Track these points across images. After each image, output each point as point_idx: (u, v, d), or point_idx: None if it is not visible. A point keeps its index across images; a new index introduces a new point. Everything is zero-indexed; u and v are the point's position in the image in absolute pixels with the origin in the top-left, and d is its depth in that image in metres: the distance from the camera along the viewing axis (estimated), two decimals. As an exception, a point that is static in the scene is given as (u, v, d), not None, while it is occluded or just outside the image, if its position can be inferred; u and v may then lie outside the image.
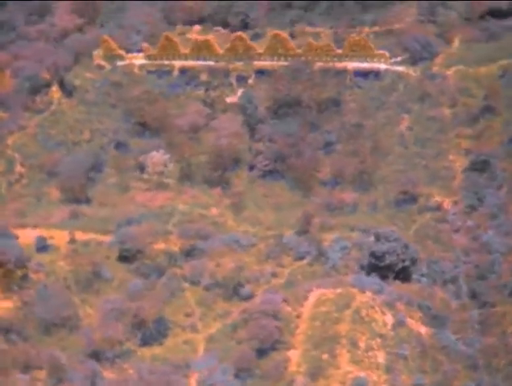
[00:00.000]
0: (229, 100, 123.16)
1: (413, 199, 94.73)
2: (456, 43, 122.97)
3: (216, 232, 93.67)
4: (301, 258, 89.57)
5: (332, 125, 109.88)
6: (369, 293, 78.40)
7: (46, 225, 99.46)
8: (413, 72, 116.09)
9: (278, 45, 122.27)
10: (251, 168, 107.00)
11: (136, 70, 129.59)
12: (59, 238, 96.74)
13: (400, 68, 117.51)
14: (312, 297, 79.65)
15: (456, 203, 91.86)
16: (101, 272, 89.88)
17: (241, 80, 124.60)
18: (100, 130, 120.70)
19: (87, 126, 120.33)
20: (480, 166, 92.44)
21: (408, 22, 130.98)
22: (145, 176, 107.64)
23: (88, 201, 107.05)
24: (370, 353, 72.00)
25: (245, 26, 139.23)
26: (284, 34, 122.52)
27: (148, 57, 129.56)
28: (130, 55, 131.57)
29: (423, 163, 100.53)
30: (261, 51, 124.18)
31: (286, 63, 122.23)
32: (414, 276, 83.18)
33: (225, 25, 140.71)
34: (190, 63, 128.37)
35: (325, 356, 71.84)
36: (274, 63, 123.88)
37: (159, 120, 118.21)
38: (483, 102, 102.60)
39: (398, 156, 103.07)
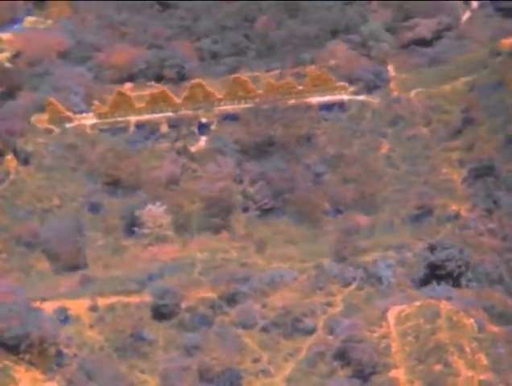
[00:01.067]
0: (193, 148, 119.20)
1: (429, 211, 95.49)
2: (392, 71, 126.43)
3: (252, 272, 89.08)
4: (348, 284, 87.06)
5: (312, 158, 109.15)
6: (444, 301, 77.36)
7: (56, 296, 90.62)
8: (373, 100, 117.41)
9: (238, 88, 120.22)
10: (245, 209, 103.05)
11: (88, 130, 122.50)
12: (77, 307, 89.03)
13: (361, 97, 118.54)
14: (391, 315, 77.34)
15: (471, 209, 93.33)
16: (143, 334, 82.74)
17: (204, 127, 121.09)
18: (67, 195, 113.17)
19: (53, 192, 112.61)
20: (484, 172, 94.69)
21: (343, 58, 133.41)
22: (144, 231, 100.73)
23: (85, 266, 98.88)
24: (476, 356, 70.82)
25: (181, 77, 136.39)
26: (244, 77, 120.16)
27: (99, 115, 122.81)
28: (77, 116, 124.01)
29: (421, 180, 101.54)
30: (220, 96, 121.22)
31: (248, 106, 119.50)
32: (463, 281, 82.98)
33: (159, 79, 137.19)
34: (146, 116, 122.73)
35: (439, 367, 69.74)
36: (236, 106, 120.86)
37: (135, 175, 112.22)
38: (460, 116, 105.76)
39: (393, 177, 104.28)
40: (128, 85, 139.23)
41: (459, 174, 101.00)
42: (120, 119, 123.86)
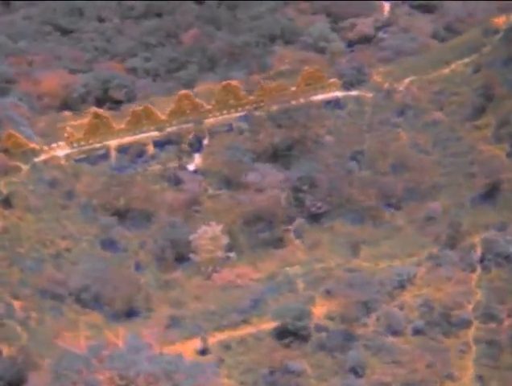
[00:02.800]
0: (190, 166, 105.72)
1: (496, 187, 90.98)
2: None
3: (368, 276, 78.94)
4: (474, 268, 79.92)
5: (336, 157, 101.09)
6: None
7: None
8: (366, 94, 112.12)
9: (229, 96, 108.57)
10: (293, 217, 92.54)
11: (63, 162, 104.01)
12: (185, 348, 72.96)
13: (354, 93, 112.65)
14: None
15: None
16: (288, 365, 69.74)
17: (195, 142, 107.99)
18: (71, 235, 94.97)
19: (54, 234, 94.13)
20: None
21: (295, 62, 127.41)
22: (203, 256, 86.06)
23: (149, 310, 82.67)
24: None
25: (130, 98, 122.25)
26: (235, 82, 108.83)
27: (73, 143, 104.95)
28: (45, 147, 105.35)
29: (466, 160, 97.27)
30: (209, 106, 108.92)
31: (240, 114, 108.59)
32: None
33: (102, 103, 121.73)
34: (128, 138, 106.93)
35: None
36: (227, 116, 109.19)
37: (148, 201, 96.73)
38: (473, 95, 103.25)
39: (431, 162, 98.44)
40: (66, 114, 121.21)
41: (502, 149, 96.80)
42: (98, 145, 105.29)
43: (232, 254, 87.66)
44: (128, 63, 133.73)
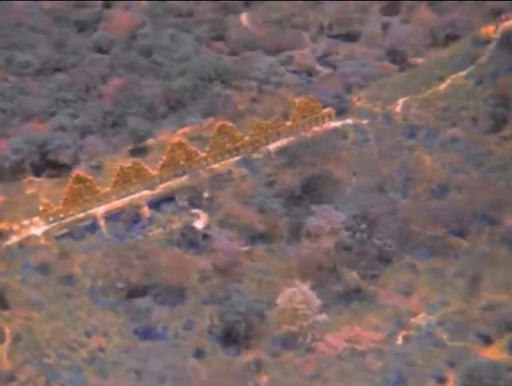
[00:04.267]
0: (198, 224, 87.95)
1: None
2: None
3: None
4: None
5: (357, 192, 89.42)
6: None
7: None
8: (361, 121, 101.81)
9: (225, 139, 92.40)
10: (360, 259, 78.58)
11: (44, 241, 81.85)
12: None
13: (349, 120, 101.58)
14: None
15: None
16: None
17: (196, 197, 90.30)
18: (96, 330, 74.20)
19: (75, 333, 72.26)
20: None
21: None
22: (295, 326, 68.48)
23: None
24: None
25: (75, 161, 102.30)
26: (230, 123, 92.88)
27: (51, 217, 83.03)
28: (14, 226, 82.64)
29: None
30: (204, 153, 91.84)
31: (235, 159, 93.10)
32: None
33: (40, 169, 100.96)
34: (116, 203, 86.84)
35: None
36: (224, 162, 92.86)
37: (181, 271, 77.86)
38: (490, 105, 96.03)
39: (483, 180, 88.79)
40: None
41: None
42: (82, 215, 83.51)
43: (324, 315, 69.40)
44: (51, 123, 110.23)
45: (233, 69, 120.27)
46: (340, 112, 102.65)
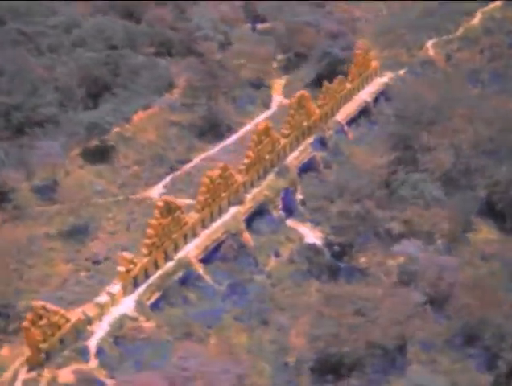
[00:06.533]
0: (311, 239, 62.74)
1: None
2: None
3: None
4: None
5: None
6: None
7: None
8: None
9: (302, 116, 66.02)
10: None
11: (145, 323, 51.19)
12: None
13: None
14: None
15: None
16: None
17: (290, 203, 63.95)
18: None
19: None
20: None
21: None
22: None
23: None
24: None
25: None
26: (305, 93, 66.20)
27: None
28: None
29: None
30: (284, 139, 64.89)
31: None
32: None
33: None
34: (207, 232, 57.81)
35: None
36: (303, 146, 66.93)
37: None
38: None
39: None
40: None
41: None
42: (172, 264, 53.30)
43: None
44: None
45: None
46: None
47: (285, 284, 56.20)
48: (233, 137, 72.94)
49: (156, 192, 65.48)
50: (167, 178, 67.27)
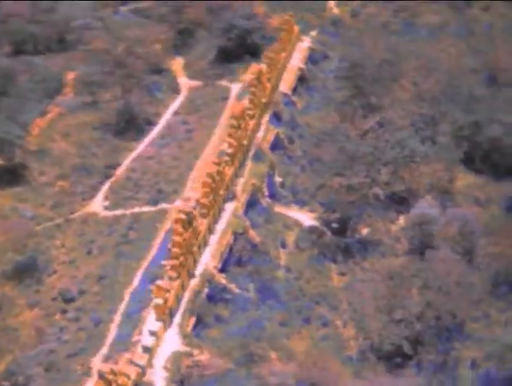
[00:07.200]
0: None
1: None
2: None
3: None
4: None
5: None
6: None
7: None
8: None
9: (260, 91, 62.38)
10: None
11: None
12: None
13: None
14: None
15: None
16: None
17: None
18: None
19: None
20: None
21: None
22: None
23: None
24: None
25: None
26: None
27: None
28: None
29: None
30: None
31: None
32: None
33: None
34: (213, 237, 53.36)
35: None
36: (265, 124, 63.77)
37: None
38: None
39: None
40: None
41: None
42: (197, 281, 48.54)
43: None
44: None
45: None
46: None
47: (307, 274, 51.15)
48: (156, 130, 66.03)
49: (98, 206, 57.68)
50: (104, 188, 59.21)
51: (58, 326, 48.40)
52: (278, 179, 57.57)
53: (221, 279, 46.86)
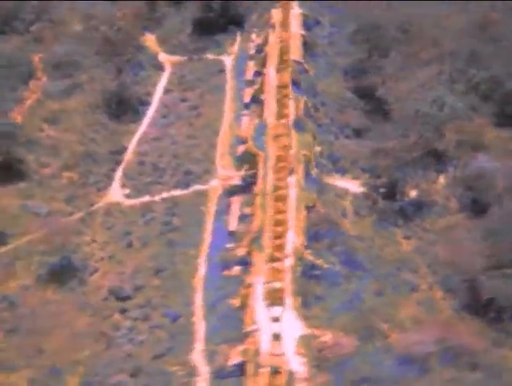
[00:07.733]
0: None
1: None
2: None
3: None
4: None
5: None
6: None
7: None
8: None
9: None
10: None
11: None
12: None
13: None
14: None
15: None
16: None
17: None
18: None
19: None
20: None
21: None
22: None
23: None
24: None
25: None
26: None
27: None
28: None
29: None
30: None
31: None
32: None
33: None
34: None
35: None
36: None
37: None
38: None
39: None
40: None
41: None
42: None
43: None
44: None
45: None
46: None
47: (378, 241, 49.36)
48: (151, 110, 62.24)
49: (117, 194, 53.65)
50: (118, 175, 55.12)
51: (123, 327, 44.23)
52: (317, 148, 54.90)
53: (308, 255, 44.01)
